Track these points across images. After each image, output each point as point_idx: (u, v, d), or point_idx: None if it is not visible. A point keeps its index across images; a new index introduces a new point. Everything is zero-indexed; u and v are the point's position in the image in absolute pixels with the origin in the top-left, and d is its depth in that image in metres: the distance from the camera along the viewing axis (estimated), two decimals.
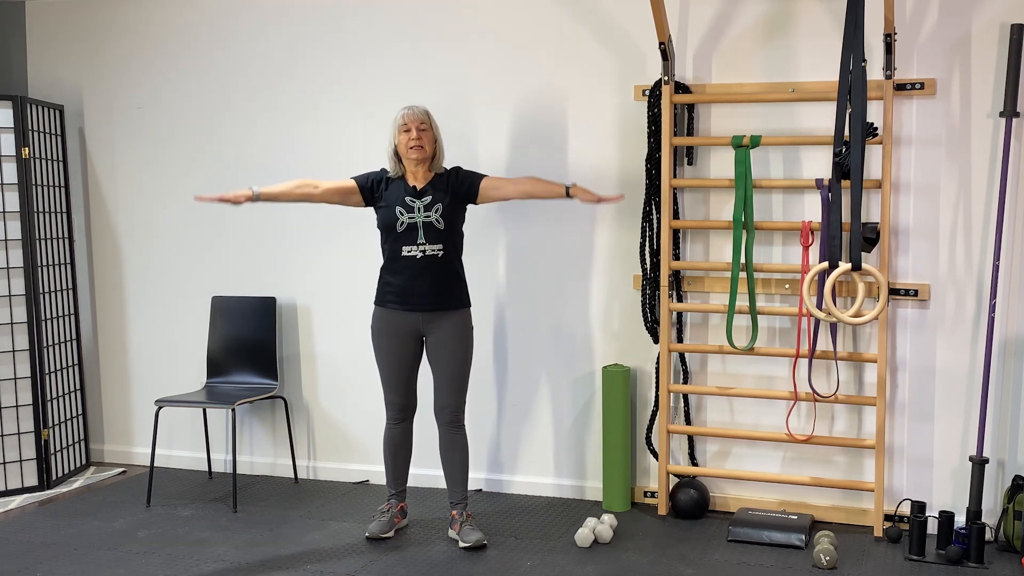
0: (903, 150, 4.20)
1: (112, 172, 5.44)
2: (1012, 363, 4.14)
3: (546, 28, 4.65)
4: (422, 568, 3.91)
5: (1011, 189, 4.07)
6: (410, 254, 4.07)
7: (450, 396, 4.17)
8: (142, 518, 4.58)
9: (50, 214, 5.20)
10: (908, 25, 4.15)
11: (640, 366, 4.66)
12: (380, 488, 4.90)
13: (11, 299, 4.97)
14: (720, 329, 4.52)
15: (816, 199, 4.32)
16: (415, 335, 4.16)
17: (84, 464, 5.46)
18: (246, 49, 5.14)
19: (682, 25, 4.45)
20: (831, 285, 4.02)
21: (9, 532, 4.42)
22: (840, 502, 4.39)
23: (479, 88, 4.77)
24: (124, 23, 5.34)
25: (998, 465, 4.17)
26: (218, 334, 5.17)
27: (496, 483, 4.91)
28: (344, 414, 5.13)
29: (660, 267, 4.48)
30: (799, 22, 4.30)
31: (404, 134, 4.06)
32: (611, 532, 4.19)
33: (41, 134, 5.15)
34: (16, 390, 5.01)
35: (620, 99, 4.58)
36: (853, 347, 4.33)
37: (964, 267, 4.17)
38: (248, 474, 5.27)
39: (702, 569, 3.87)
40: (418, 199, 4.08)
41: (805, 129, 4.32)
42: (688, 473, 4.54)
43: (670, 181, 4.40)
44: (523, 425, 4.86)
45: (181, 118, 5.28)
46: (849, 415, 4.38)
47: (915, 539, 3.97)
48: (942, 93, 4.14)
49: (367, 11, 4.92)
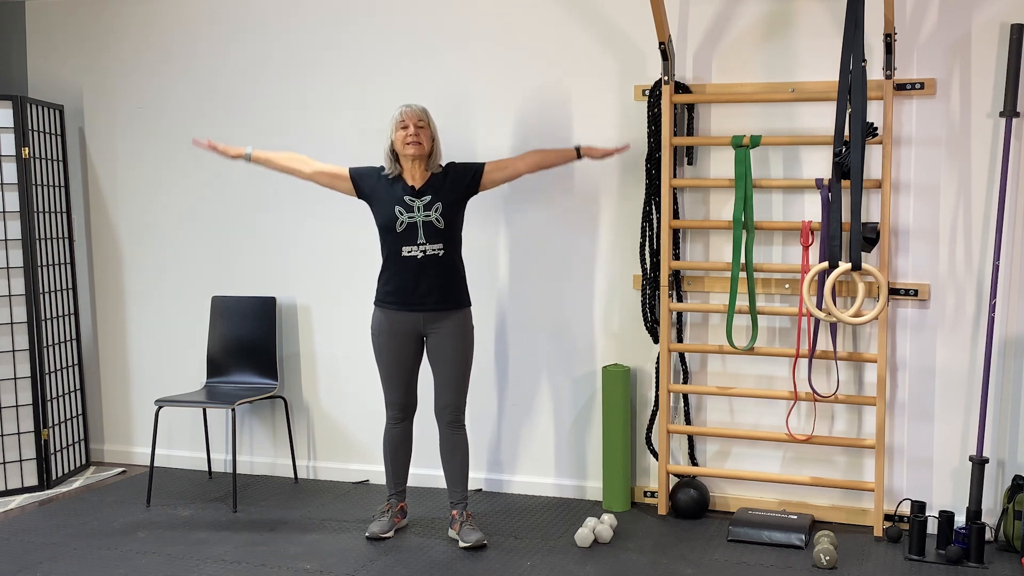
0: (903, 150, 4.20)
1: (112, 172, 5.45)
2: (1012, 363, 4.14)
3: (546, 28, 4.65)
4: (422, 568, 3.91)
5: (1011, 189, 4.07)
6: (410, 254, 4.07)
7: (451, 396, 4.17)
8: (142, 518, 4.58)
9: (50, 214, 5.20)
10: (908, 25, 4.15)
11: (640, 366, 4.67)
12: (380, 488, 4.90)
13: (11, 299, 4.97)
14: (720, 329, 4.52)
15: (816, 199, 4.32)
16: (416, 335, 4.16)
17: (84, 464, 5.46)
18: (245, 48, 5.14)
19: (682, 25, 4.45)
20: (831, 285, 4.02)
21: (9, 532, 4.42)
22: (840, 502, 4.39)
23: (479, 88, 4.77)
24: (124, 23, 5.34)
25: (998, 465, 4.17)
26: (218, 334, 5.17)
27: (496, 483, 4.92)
28: (344, 414, 5.14)
29: (660, 267, 4.48)
30: (799, 22, 4.31)
31: (402, 130, 4.06)
32: (611, 532, 4.19)
33: (41, 134, 5.15)
34: (16, 390, 5.01)
35: (620, 99, 4.58)
36: (853, 347, 4.33)
37: (964, 267, 4.17)
38: (248, 474, 5.27)
39: (702, 569, 3.87)
40: (417, 198, 4.08)
41: (805, 129, 4.32)
42: (688, 473, 4.54)
43: (670, 181, 4.41)
44: (523, 425, 4.86)
45: (181, 118, 5.28)
46: (849, 415, 4.39)
47: (915, 539, 3.97)
48: (942, 93, 4.14)
49: (367, 12, 4.92)
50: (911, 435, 4.28)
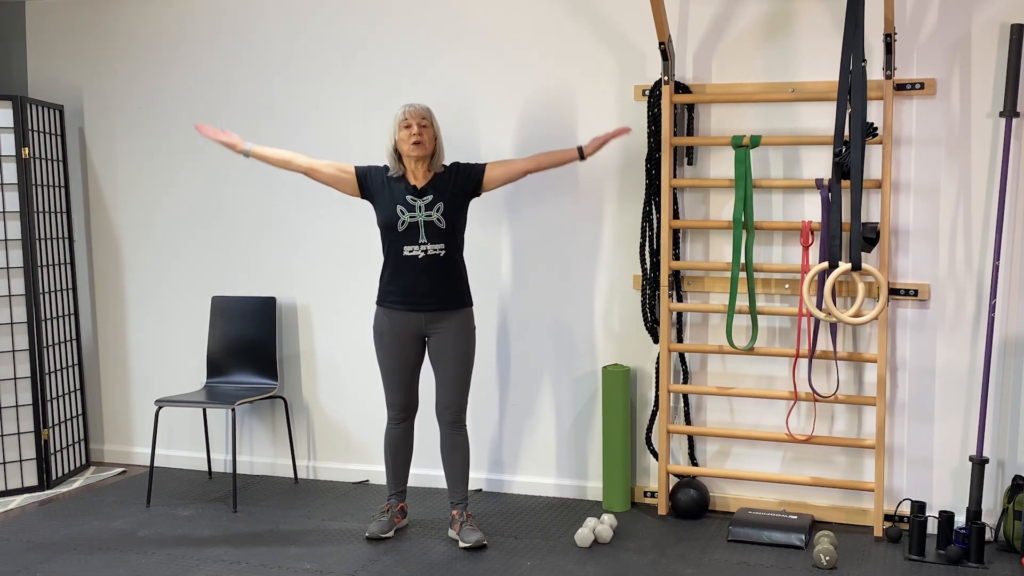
0: (903, 150, 4.20)
1: (112, 172, 5.45)
2: (1012, 363, 4.14)
3: (546, 28, 4.65)
4: (422, 568, 3.91)
5: (1011, 189, 4.07)
6: (412, 254, 4.07)
7: (452, 396, 4.17)
8: (142, 518, 4.58)
9: (50, 214, 5.20)
10: (908, 25, 4.15)
11: (640, 366, 4.67)
12: (380, 488, 4.90)
13: (11, 299, 4.97)
14: (720, 329, 4.52)
15: (816, 199, 4.32)
16: (417, 335, 4.16)
17: (84, 464, 5.46)
18: (246, 49, 5.14)
19: (682, 25, 4.45)
20: (831, 285, 4.02)
21: (9, 532, 4.41)
22: (840, 502, 4.39)
23: (479, 88, 4.77)
24: (124, 23, 5.34)
25: (998, 465, 4.17)
26: (218, 334, 5.17)
27: (496, 483, 4.91)
28: (344, 414, 5.13)
29: (660, 267, 4.48)
30: (799, 22, 4.30)
31: (405, 130, 4.05)
32: (611, 532, 4.19)
33: (41, 134, 5.15)
34: (16, 390, 5.01)
35: (620, 99, 4.58)
36: (853, 347, 4.33)
37: (964, 267, 4.17)
38: (248, 474, 5.27)
39: (702, 569, 3.87)
40: (419, 198, 4.08)
41: (805, 129, 4.32)
42: (688, 473, 4.54)
43: (670, 181, 4.40)
44: (523, 425, 4.86)
45: (181, 118, 5.28)
46: (849, 415, 4.39)
47: (915, 539, 3.97)
48: (942, 93, 4.14)
49: (367, 12, 4.92)
50: (911, 435, 4.28)
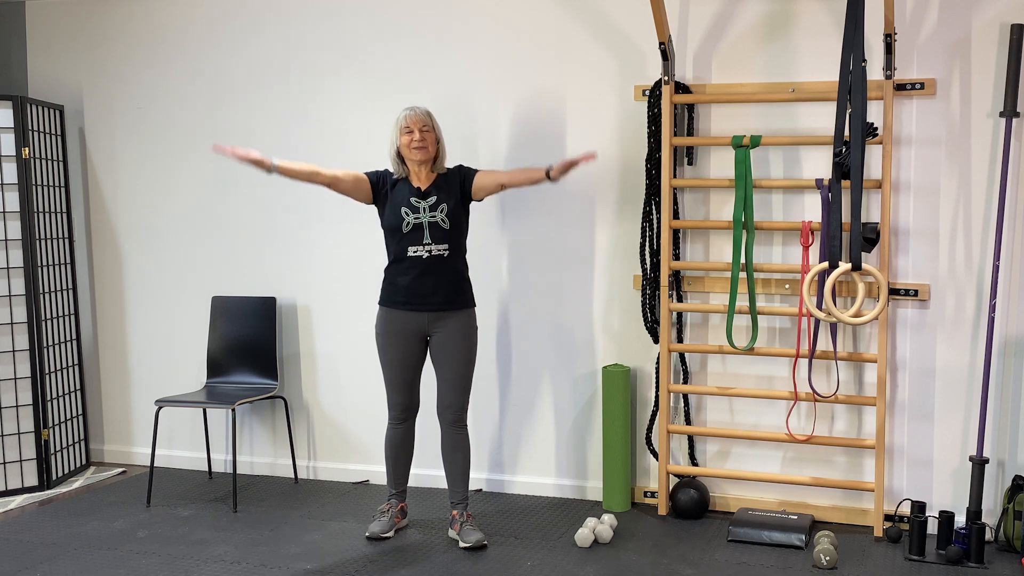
0: (903, 150, 4.20)
1: (112, 172, 5.45)
2: (1012, 363, 4.14)
3: (546, 28, 4.65)
4: (422, 568, 3.91)
5: (1011, 189, 4.07)
6: (416, 254, 4.07)
7: (454, 396, 4.17)
8: (142, 518, 4.58)
9: (50, 214, 5.20)
10: (908, 25, 4.15)
11: (640, 366, 4.67)
12: (380, 488, 4.90)
13: (11, 299, 4.97)
14: (720, 329, 4.52)
15: (816, 199, 4.32)
16: (420, 335, 4.16)
17: (84, 464, 5.46)
18: (246, 48, 5.14)
19: (682, 25, 4.45)
20: (831, 285, 4.02)
21: (9, 532, 4.42)
22: (840, 502, 4.39)
23: (479, 88, 4.77)
24: (123, 23, 5.34)
25: (998, 465, 4.17)
26: (218, 334, 5.17)
27: (496, 483, 4.92)
28: (344, 414, 5.13)
29: (660, 267, 4.48)
30: (799, 22, 4.31)
31: (407, 135, 4.06)
32: (611, 532, 4.19)
33: (41, 134, 5.15)
34: (16, 390, 5.01)
35: (620, 99, 4.58)
36: (853, 347, 4.33)
37: (964, 267, 4.17)
38: (248, 474, 5.27)
39: (702, 569, 3.87)
40: (423, 200, 4.08)
41: (805, 129, 4.33)
42: (688, 473, 4.54)
43: (670, 181, 4.40)
44: (523, 425, 4.86)
45: (181, 117, 5.28)
46: (849, 415, 4.39)
47: (915, 539, 3.97)
48: (942, 93, 4.14)
49: (366, 11, 4.92)
50: (911, 435, 4.28)
